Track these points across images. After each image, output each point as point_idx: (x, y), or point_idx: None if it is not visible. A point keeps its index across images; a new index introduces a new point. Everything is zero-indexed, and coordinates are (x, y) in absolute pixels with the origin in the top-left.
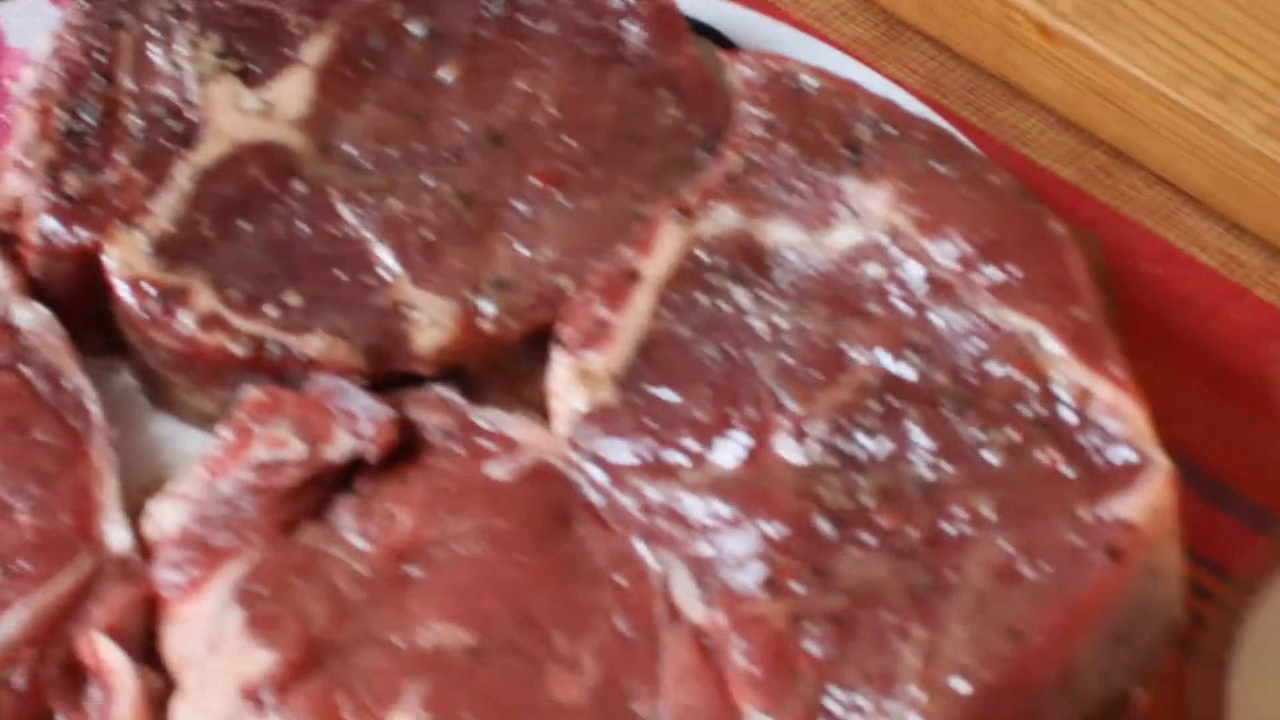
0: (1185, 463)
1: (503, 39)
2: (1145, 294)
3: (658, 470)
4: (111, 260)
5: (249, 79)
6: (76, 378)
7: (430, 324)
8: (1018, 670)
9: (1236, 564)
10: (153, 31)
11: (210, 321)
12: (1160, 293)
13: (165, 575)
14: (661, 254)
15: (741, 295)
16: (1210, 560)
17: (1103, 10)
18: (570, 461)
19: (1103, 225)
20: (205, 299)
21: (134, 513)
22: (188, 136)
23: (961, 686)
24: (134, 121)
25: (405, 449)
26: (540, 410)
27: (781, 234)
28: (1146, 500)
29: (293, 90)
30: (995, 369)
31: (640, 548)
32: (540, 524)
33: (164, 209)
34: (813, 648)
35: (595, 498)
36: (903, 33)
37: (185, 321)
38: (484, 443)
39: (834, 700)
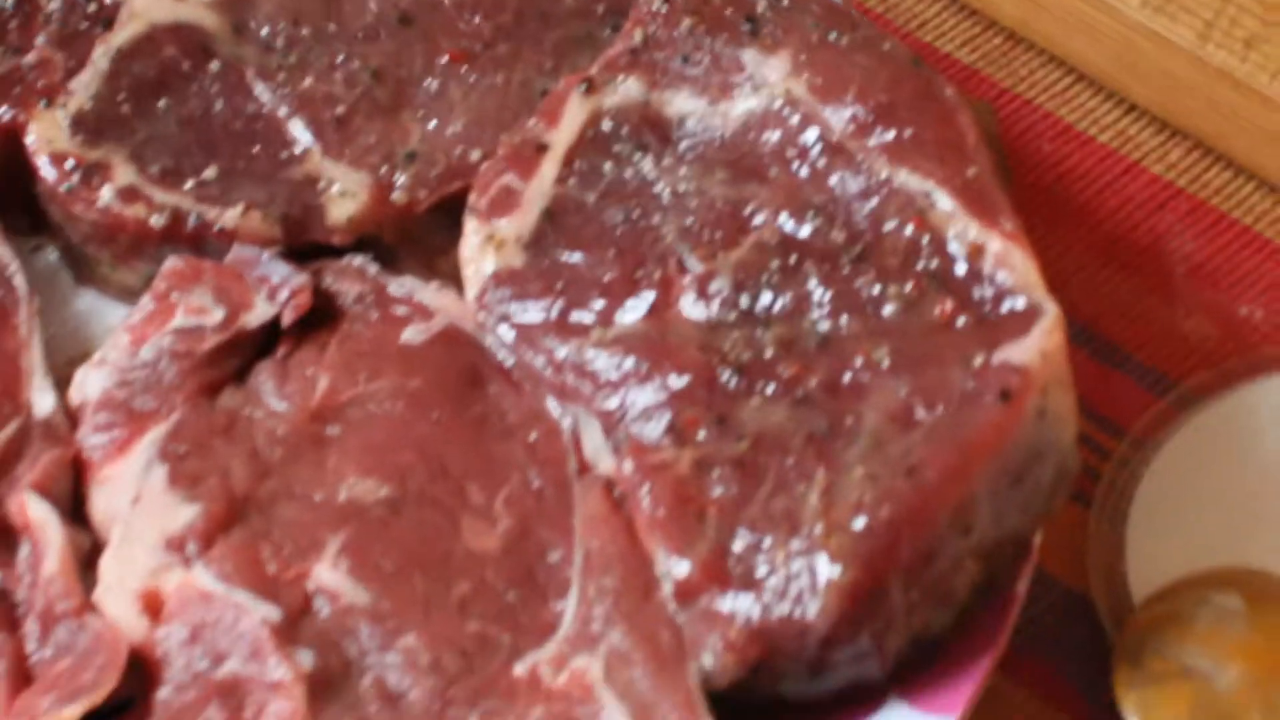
0: (1081, 327)
1: None
2: (1043, 172)
3: (565, 329)
4: (32, 137)
5: None
6: (1, 250)
7: (344, 195)
8: (915, 506)
9: (1132, 424)
10: None
11: (129, 194)
12: (1056, 170)
13: (90, 438)
14: (567, 125)
15: (645, 163)
16: (1107, 419)
17: None
18: (481, 325)
19: (1001, 106)
20: (124, 173)
21: (62, 385)
22: (105, 19)
23: (861, 523)
24: (52, 5)
25: (322, 316)
26: (454, 281)
27: (683, 104)
28: (1036, 344)
29: None
30: (890, 226)
31: (550, 405)
32: (453, 385)
33: (83, 88)
34: (718, 491)
35: (506, 358)
36: None
37: (105, 195)
38: (398, 309)
39: (739, 540)
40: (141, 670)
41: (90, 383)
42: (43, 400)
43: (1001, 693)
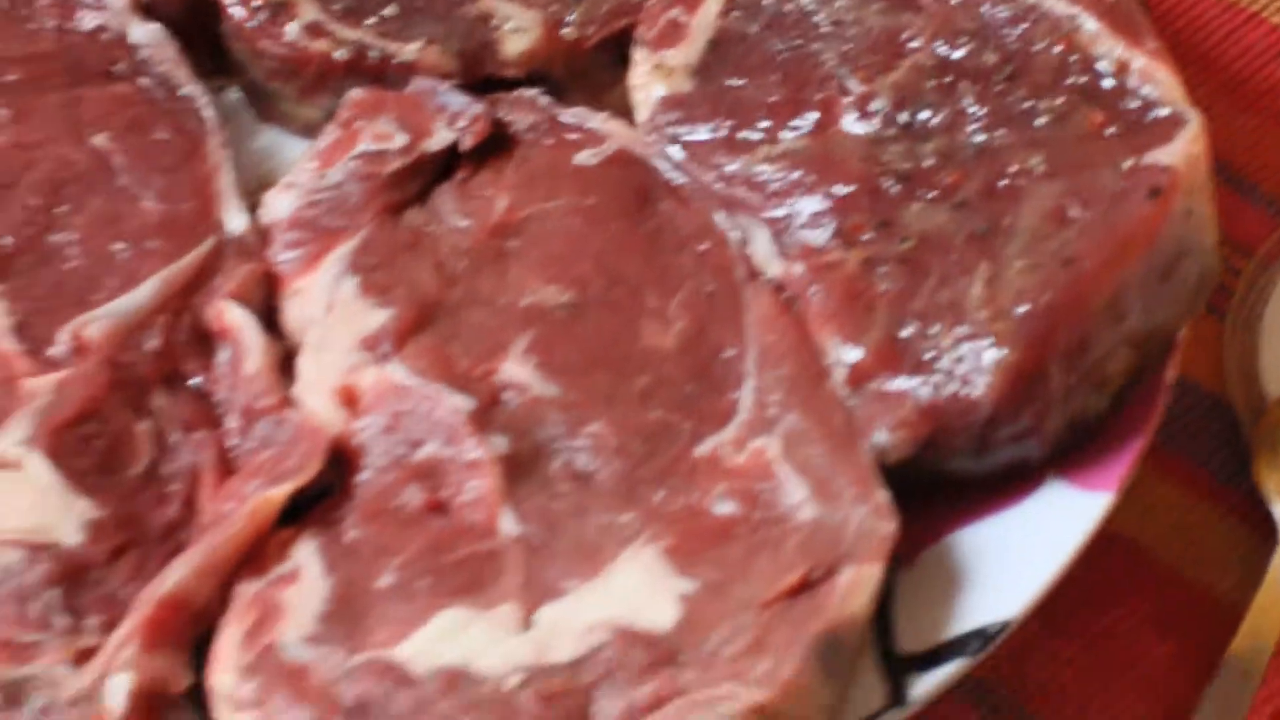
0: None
1: None
2: (1167, 23)
3: (733, 146)
4: None
5: None
6: (191, 86)
7: (517, 30)
8: (1072, 294)
9: (1260, 244)
10: None
11: (314, 30)
12: (1180, 20)
13: (280, 255)
14: None
15: None
16: (1237, 241)
17: None
18: (651, 147)
19: None
20: (309, 10)
21: (248, 212)
22: None
23: (1023, 309)
24: None
25: (498, 143)
26: (619, 113)
27: None
28: (1182, 148)
29: None
30: (1040, 47)
31: (719, 218)
32: (626, 202)
33: None
34: (885, 286)
35: (675, 176)
36: None
37: (291, 30)
38: (570, 135)
39: (908, 328)
40: (339, 460)
41: (280, 204)
42: (235, 220)
43: (1148, 485)
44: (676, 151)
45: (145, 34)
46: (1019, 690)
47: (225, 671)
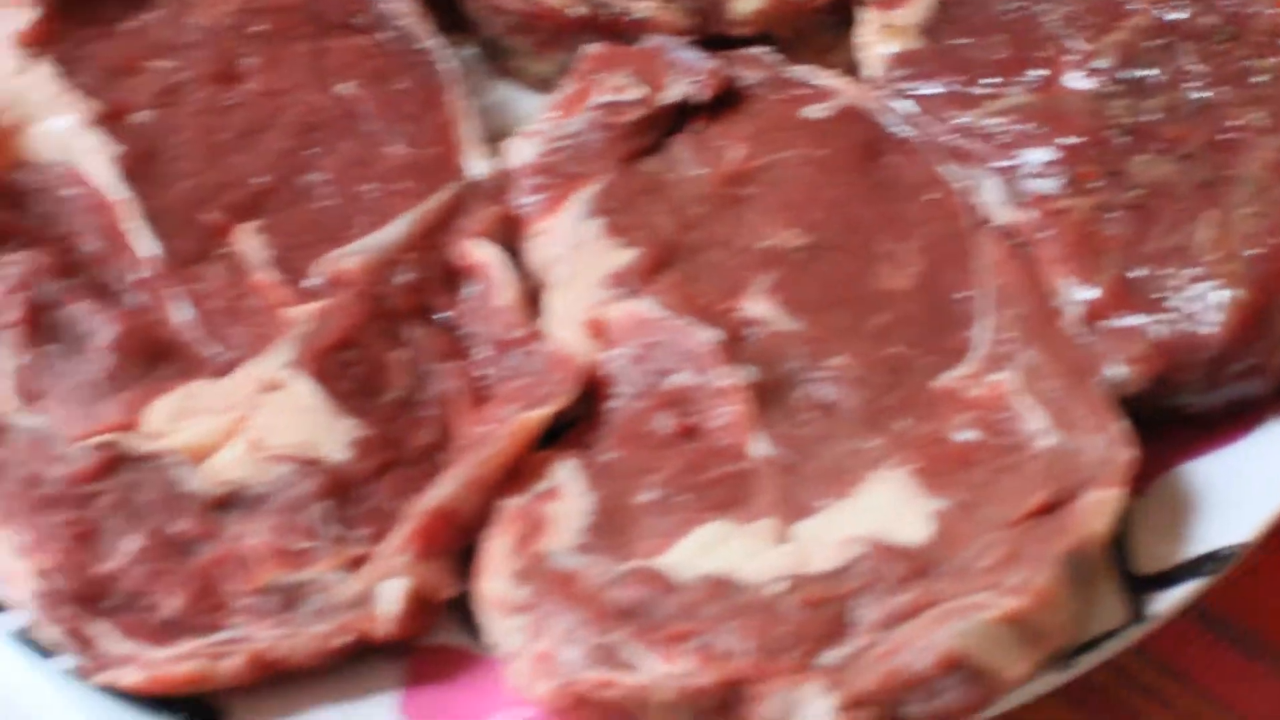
0: None
1: None
2: None
3: (963, 100)
4: None
5: None
6: (430, 39)
7: None
8: None
9: None
10: None
11: None
12: None
13: (523, 198)
14: None
15: None
16: None
17: None
18: (878, 103)
19: None
20: None
21: None
22: None
23: (1252, 251)
24: None
25: (730, 98)
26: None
27: None
28: None
29: None
30: (1256, 9)
31: (947, 169)
32: (855, 153)
33: None
34: (1116, 230)
35: (902, 130)
36: None
37: None
38: (799, 91)
39: (1140, 269)
40: (588, 388)
41: (521, 150)
42: (479, 165)
43: None
44: (907, 105)
45: None
46: (1249, 615)
47: (496, 578)
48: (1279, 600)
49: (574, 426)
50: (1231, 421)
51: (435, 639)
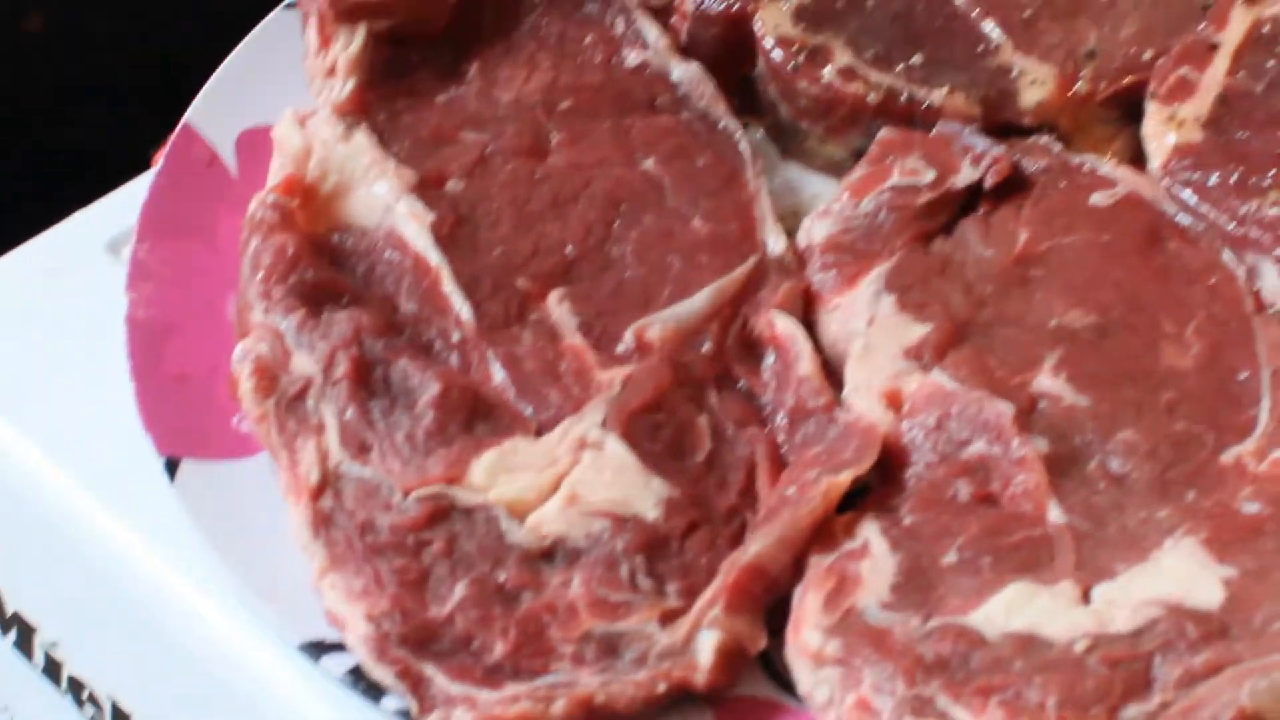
0: None
1: None
2: None
3: (1244, 190)
4: (761, 24)
5: None
6: (728, 120)
7: (1034, 83)
8: None
9: None
10: None
11: (848, 74)
12: None
13: (818, 274)
14: (1234, 28)
15: None
16: None
17: None
18: (1161, 191)
19: None
20: (843, 56)
21: None
22: None
23: None
24: None
25: (1016, 183)
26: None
27: None
28: None
29: None
30: None
31: (1226, 256)
32: (1138, 239)
33: None
34: None
35: (1184, 219)
36: None
37: (827, 73)
38: (1082, 179)
39: None
40: (886, 456)
41: (817, 229)
42: (775, 242)
43: None
44: (1188, 195)
45: (684, 72)
46: None
47: (811, 630)
48: None
49: (872, 493)
50: None
51: (742, 690)
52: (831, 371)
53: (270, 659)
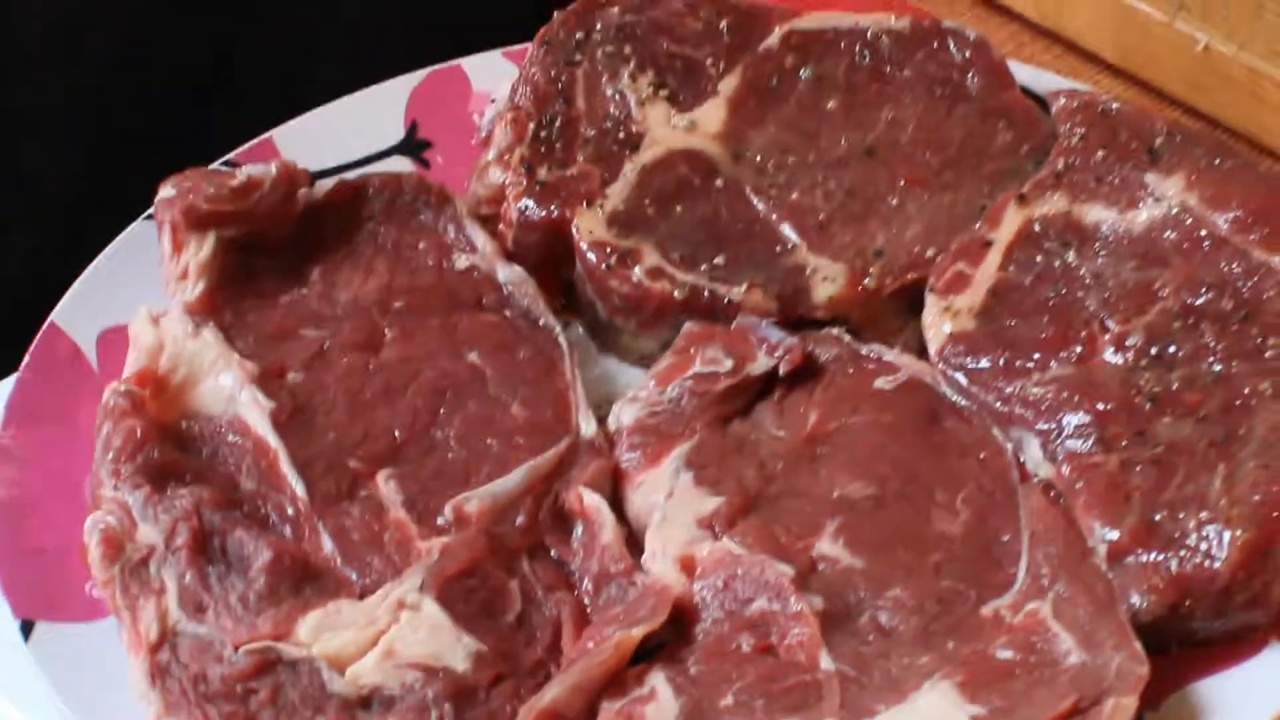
0: None
1: (871, 81)
2: None
3: (1010, 373)
4: (578, 229)
5: (677, 104)
6: (547, 318)
7: (826, 280)
8: None
9: None
10: (600, 68)
11: (656, 273)
12: None
13: (627, 455)
14: (1006, 227)
15: (1069, 255)
16: None
17: None
18: (938, 375)
19: None
20: (652, 257)
21: None
22: (632, 143)
23: (1256, 498)
24: (588, 131)
25: (808, 370)
26: (906, 351)
27: (1098, 214)
28: None
29: (711, 113)
30: (1269, 295)
31: (995, 432)
32: (917, 419)
33: (615, 194)
34: (1139, 481)
35: (959, 400)
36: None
37: (637, 273)
38: (869, 365)
39: (1159, 514)
40: (679, 615)
41: (625, 413)
42: (587, 425)
43: None
44: (961, 377)
45: (509, 274)
46: None
47: None
48: None
49: (665, 647)
50: (1235, 647)
51: None
52: (636, 543)
53: None
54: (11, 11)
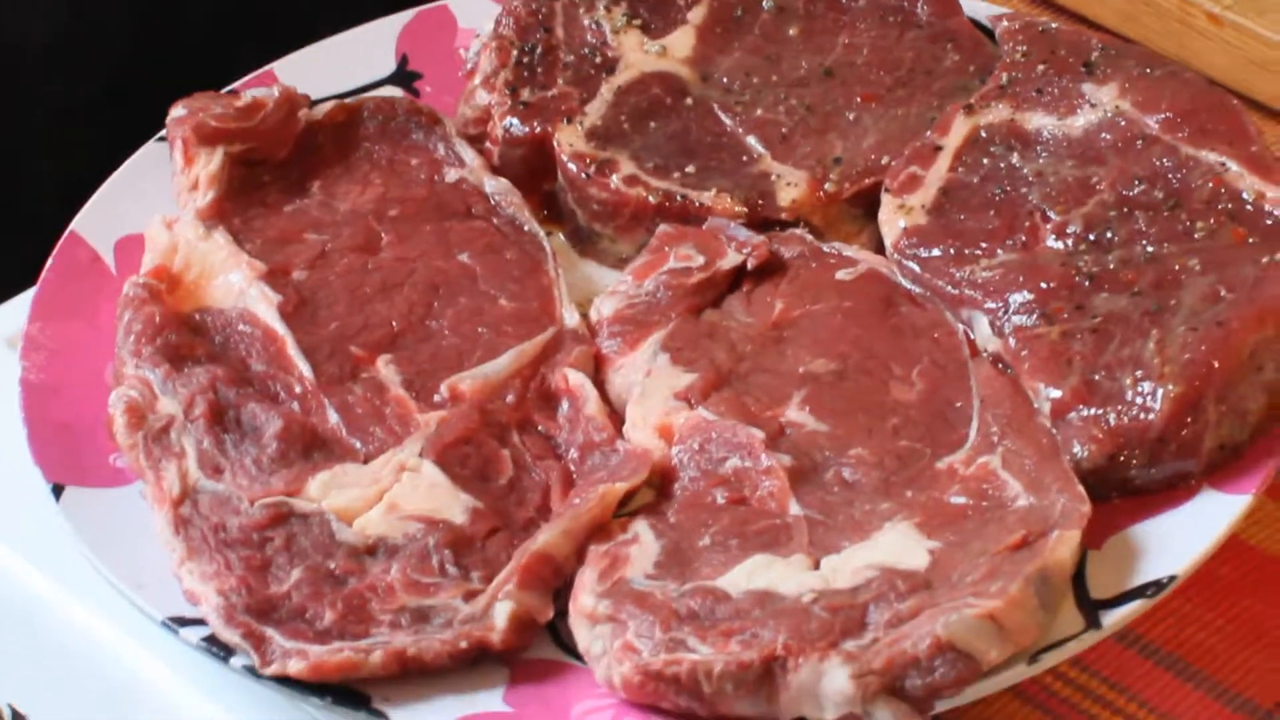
0: None
1: (828, 10)
2: None
3: (960, 260)
4: (559, 143)
5: (649, 33)
6: (531, 224)
7: (789, 185)
8: (1222, 344)
9: None
10: (577, 1)
11: (632, 180)
12: None
13: (607, 342)
14: (955, 133)
15: (1012, 157)
16: None
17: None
18: (894, 266)
19: None
20: (628, 167)
21: None
22: (607, 67)
23: (1186, 356)
24: (567, 57)
25: (774, 266)
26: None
27: (1039, 121)
28: None
29: (681, 40)
30: (1196, 184)
31: (947, 315)
32: (875, 305)
33: (593, 111)
34: (1079, 347)
35: (913, 287)
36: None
37: (615, 181)
38: (830, 260)
39: (1098, 375)
40: (659, 479)
41: (605, 305)
42: (570, 317)
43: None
44: (915, 266)
45: (496, 186)
46: (1179, 646)
47: (587, 596)
48: (1201, 636)
49: (645, 505)
50: (1169, 494)
51: (533, 653)
52: (617, 424)
53: (138, 648)
54: None
